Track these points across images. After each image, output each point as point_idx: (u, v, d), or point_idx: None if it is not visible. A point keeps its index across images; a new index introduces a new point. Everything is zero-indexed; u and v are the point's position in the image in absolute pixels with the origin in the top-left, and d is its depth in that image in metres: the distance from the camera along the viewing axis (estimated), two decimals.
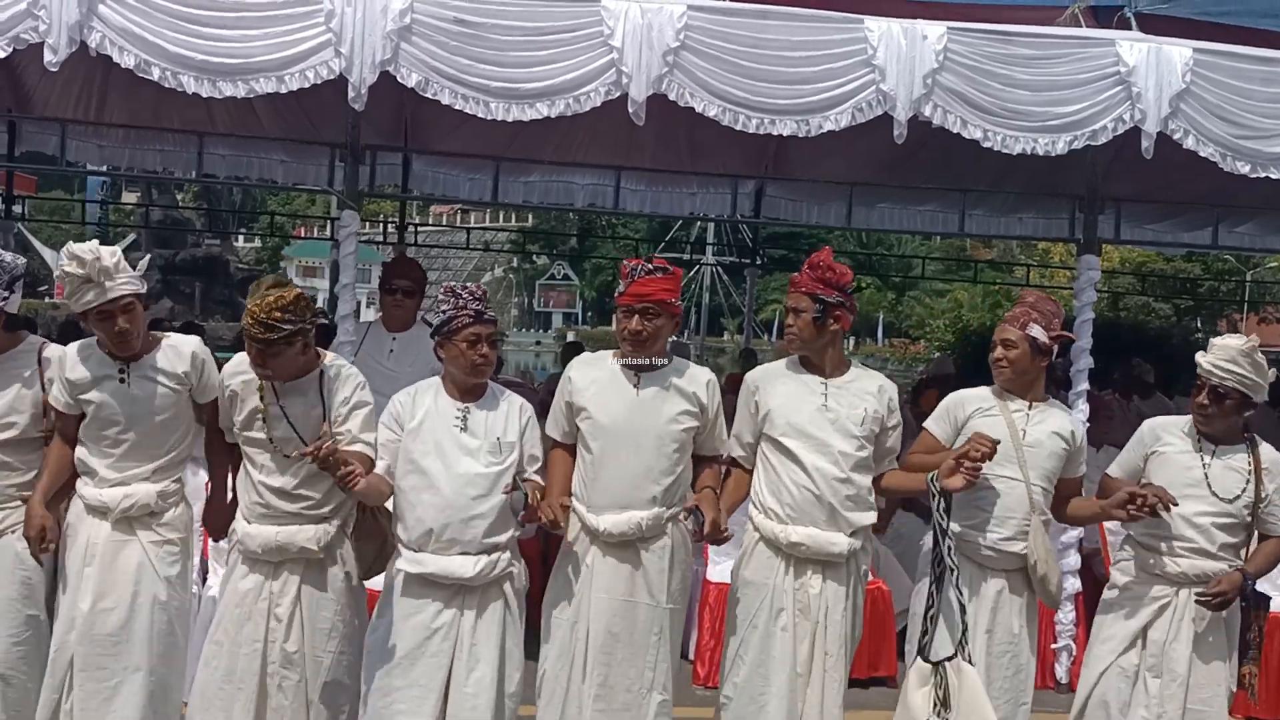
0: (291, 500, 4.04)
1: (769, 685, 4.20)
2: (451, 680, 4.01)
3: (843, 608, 4.25)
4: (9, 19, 4.99)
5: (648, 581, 4.16)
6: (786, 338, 4.40)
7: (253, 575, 4.08)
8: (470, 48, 5.31)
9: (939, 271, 37.86)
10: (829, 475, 4.19)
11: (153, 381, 4.08)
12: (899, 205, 10.87)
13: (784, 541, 4.21)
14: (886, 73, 5.47)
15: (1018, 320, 4.31)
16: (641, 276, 4.14)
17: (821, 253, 4.33)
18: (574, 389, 4.25)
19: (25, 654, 4.18)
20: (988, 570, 4.35)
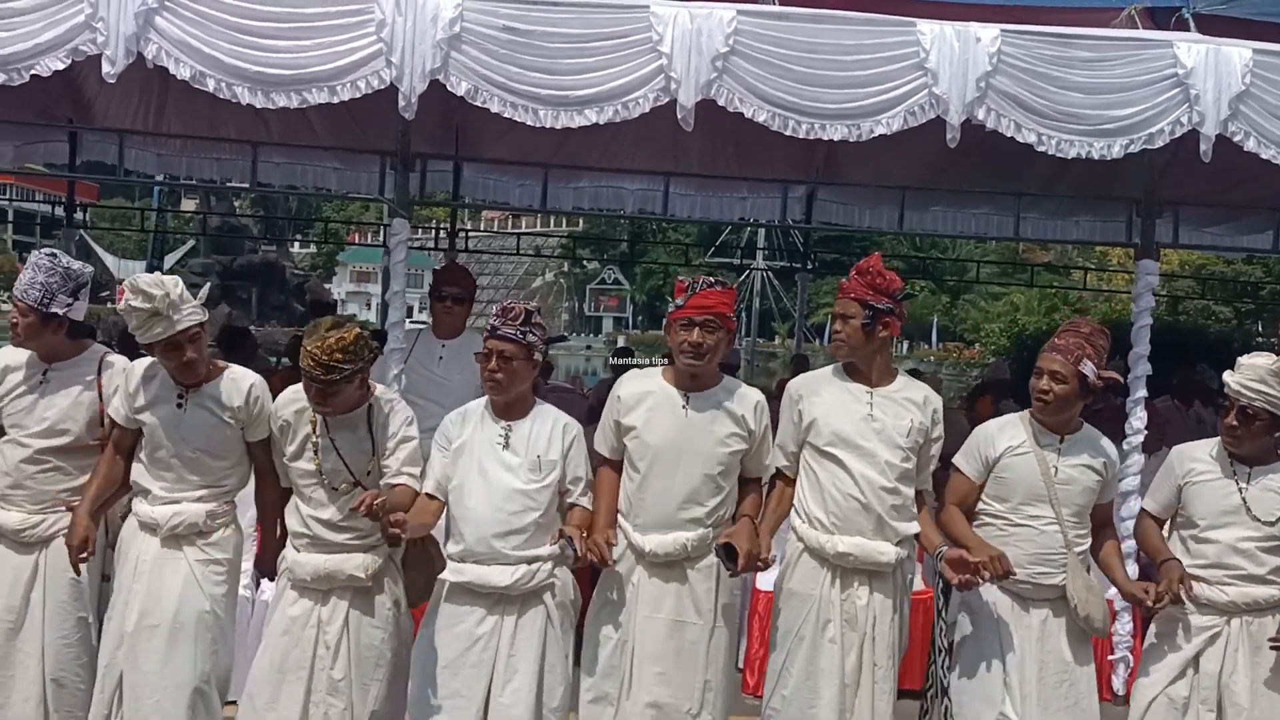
0: (339, 531, 4.08)
1: (818, 698, 4.16)
2: (491, 691, 4.01)
3: (890, 618, 4.20)
4: (68, 31, 5.08)
5: (695, 601, 4.13)
6: (834, 344, 4.35)
7: (302, 601, 4.12)
8: (519, 55, 5.33)
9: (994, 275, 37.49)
10: (876, 484, 4.15)
11: (207, 411, 4.15)
12: (952, 208, 10.77)
13: (831, 551, 4.17)
14: (939, 76, 5.43)
15: (1071, 353, 4.17)
16: (703, 289, 4.11)
17: (871, 258, 4.29)
18: (622, 407, 4.22)
19: (76, 655, 4.26)
20: (1029, 601, 4.27)
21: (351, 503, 3.95)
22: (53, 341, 4.29)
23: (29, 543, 4.24)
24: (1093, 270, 17.91)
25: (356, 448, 4.07)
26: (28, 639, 4.25)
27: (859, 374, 4.30)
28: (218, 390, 4.18)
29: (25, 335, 4.25)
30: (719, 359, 4.17)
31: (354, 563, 4.08)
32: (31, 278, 4.20)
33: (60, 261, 4.26)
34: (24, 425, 4.27)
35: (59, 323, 4.25)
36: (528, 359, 4.06)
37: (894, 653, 4.22)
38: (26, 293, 4.19)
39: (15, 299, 4.23)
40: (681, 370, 4.16)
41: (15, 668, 4.25)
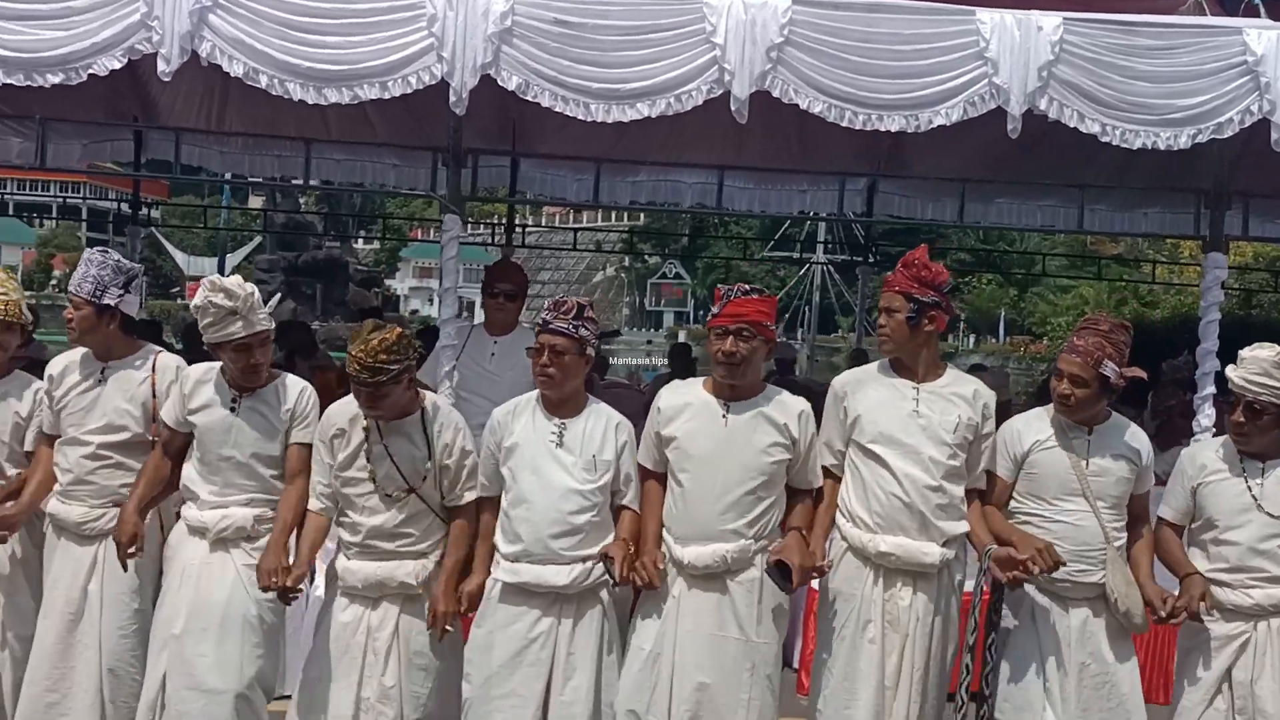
0: (391, 539, 4.08)
1: (855, 699, 4.09)
2: (550, 690, 3.98)
3: (933, 620, 4.10)
4: (124, 30, 5.13)
5: (737, 615, 4.03)
6: (879, 338, 4.27)
7: (352, 608, 4.12)
8: (571, 49, 5.30)
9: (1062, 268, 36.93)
10: (920, 483, 4.05)
11: (260, 415, 4.19)
12: (1017, 201, 10.58)
13: (872, 551, 4.09)
14: (999, 65, 5.31)
15: (1091, 355, 4.04)
16: (737, 297, 4.03)
17: (917, 251, 4.18)
18: (662, 419, 4.14)
19: (132, 647, 4.31)
20: (1068, 601, 4.16)
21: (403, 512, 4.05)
22: (108, 336, 4.35)
23: (90, 536, 4.31)
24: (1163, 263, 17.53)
25: (411, 455, 4.06)
26: (86, 630, 4.31)
27: (905, 369, 4.21)
28: (271, 395, 4.23)
29: (81, 330, 4.32)
30: (756, 369, 4.08)
31: (405, 570, 4.08)
32: (84, 272, 4.28)
33: (111, 256, 4.35)
34: (84, 423, 4.33)
35: (112, 315, 4.32)
36: (580, 354, 4.02)
37: (934, 656, 4.12)
38: (80, 286, 4.27)
39: (70, 294, 4.32)
40: (720, 381, 4.09)
41: (75, 658, 4.31)
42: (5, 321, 4.38)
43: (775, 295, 4.23)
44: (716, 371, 4.07)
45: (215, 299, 4.00)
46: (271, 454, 4.22)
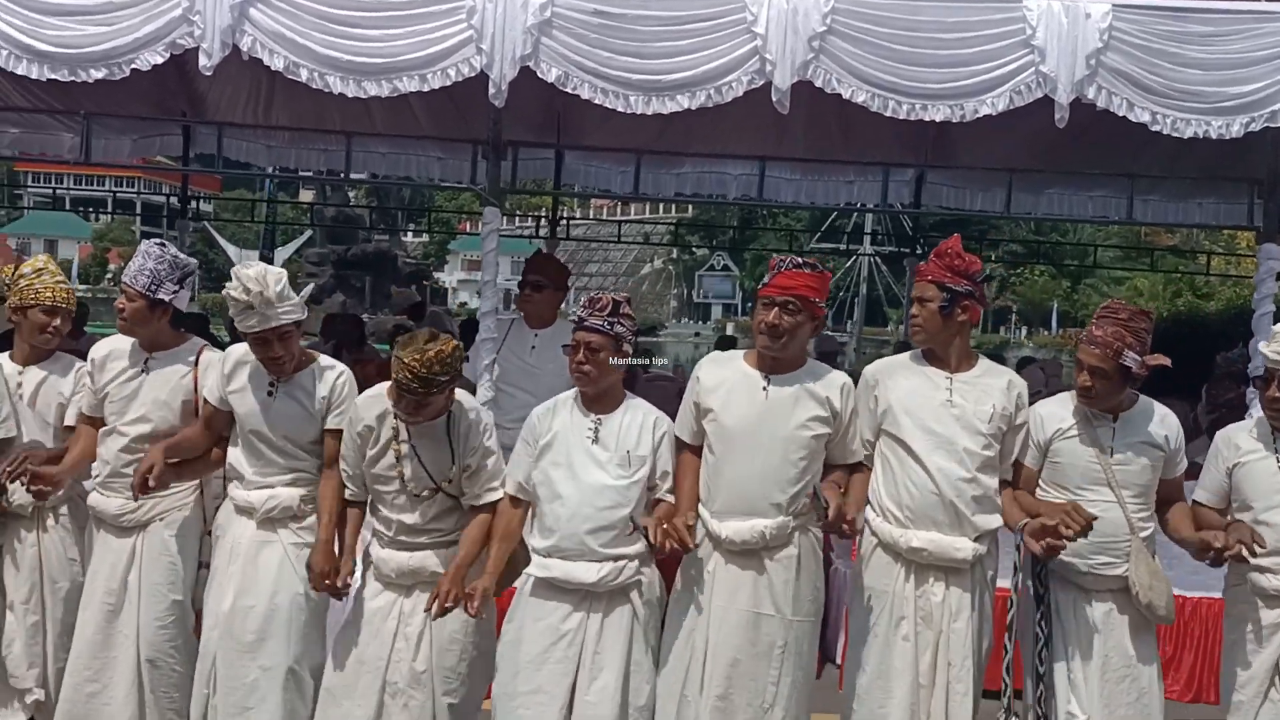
0: (420, 534, 4.10)
1: (890, 696, 4.03)
2: (576, 688, 3.95)
3: (967, 616, 4.03)
4: (165, 25, 5.18)
5: (773, 593, 3.98)
6: (911, 329, 4.22)
7: (385, 594, 4.13)
8: (610, 40, 5.28)
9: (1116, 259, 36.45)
10: (952, 475, 3.98)
11: (296, 400, 4.20)
12: (1067, 191, 10.43)
13: (904, 547, 4.03)
14: (1046, 54, 5.23)
15: (1110, 346, 3.92)
16: (788, 269, 3.96)
17: (950, 240, 4.11)
18: (701, 389, 4.10)
19: (171, 637, 4.34)
20: (1091, 594, 4.08)
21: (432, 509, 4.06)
22: (158, 329, 4.38)
23: (127, 527, 4.34)
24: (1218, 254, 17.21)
25: (437, 455, 4.06)
26: (126, 621, 4.35)
27: (937, 359, 4.14)
28: (308, 380, 4.24)
29: (132, 321, 4.34)
30: (800, 344, 4.02)
31: (436, 559, 4.09)
32: (141, 264, 4.30)
33: (168, 251, 4.37)
34: (123, 414, 4.36)
35: (164, 309, 4.35)
36: (616, 350, 3.98)
37: (970, 652, 4.05)
38: (135, 279, 4.28)
39: (124, 285, 4.33)
40: (761, 352, 4.04)
41: (116, 649, 4.35)
42: (54, 306, 4.46)
43: (829, 272, 4.13)
44: (759, 342, 4.01)
45: (234, 292, 4.02)
46: (308, 438, 4.24)
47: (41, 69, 5.25)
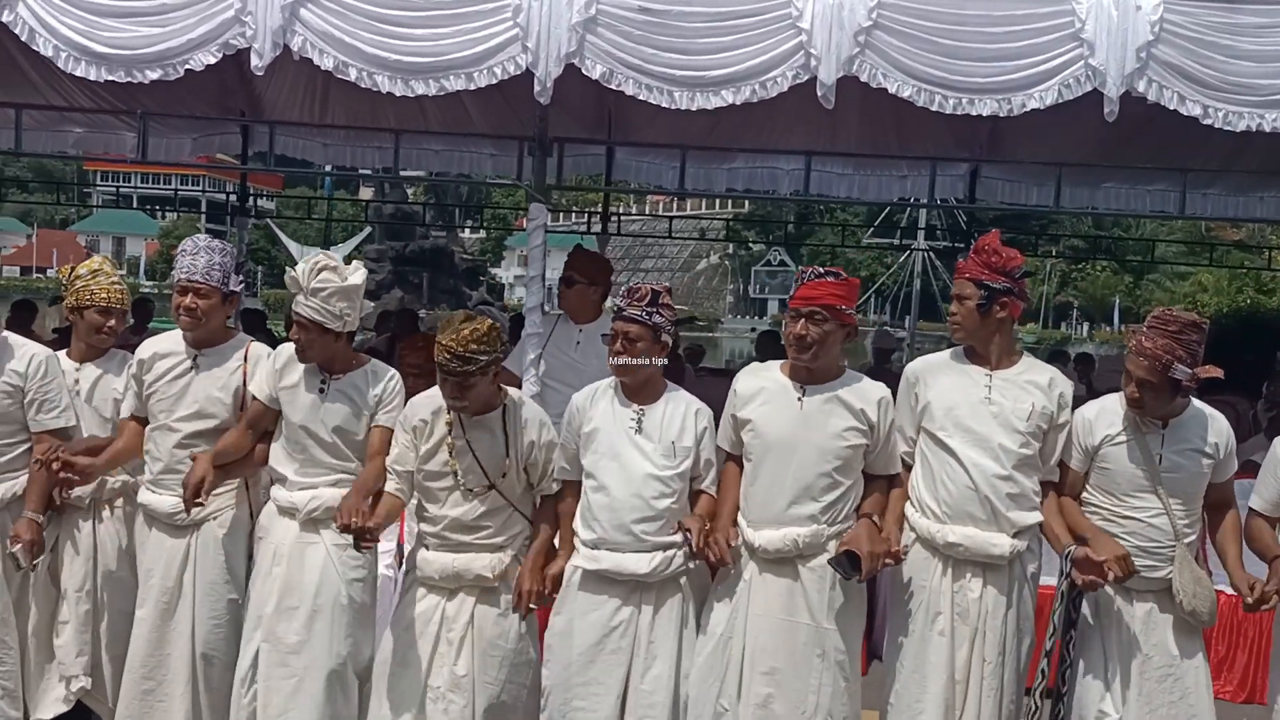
0: (469, 531, 4.11)
1: (926, 691, 4.02)
2: (630, 678, 3.98)
3: (1004, 613, 4.01)
4: (218, 26, 5.25)
5: (808, 601, 3.98)
6: (950, 326, 4.17)
7: (429, 598, 4.15)
8: (655, 36, 5.27)
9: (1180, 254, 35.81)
10: (989, 472, 3.97)
11: (347, 398, 4.25)
12: (1125, 186, 10.29)
13: (940, 542, 4.02)
14: (1096, 47, 5.14)
15: (1159, 359, 3.84)
16: (811, 280, 3.97)
17: (989, 236, 4.10)
18: (738, 401, 4.12)
19: (226, 635, 4.40)
20: (1133, 594, 4.03)
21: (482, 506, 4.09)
22: (221, 319, 4.47)
23: (181, 526, 4.40)
24: None
25: (492, 450, 4.07)
26: (181, 619, 4.43)
27: (978, 356, 4.12)
28: (360, 380, 4.29)
29: (208, 316, 4.40)
30: (830, 352, 3.99)
31: (481, 563, 4.10)
32: (209, 260, 4.36)
33: (217, 242, 4.47)
34: (173, 410, 4.43)
35: (233, 301, 4.48)
36: (654, 341, 4.00)
37: (1006, 649, 4.03)
38: (209, 275, 4.35)
39: (195, 283, 4.35)
40: (793, 362, 4.04)
41: (170, 646, 4.43)
42: (108, 307, 4.57)
43: (855, 278, 4.12)
44: (789, 354, 4.03)
45: (291, 271, 4.14)
46: (355, 437, 4.28)
47: (99, 70, 5.34)
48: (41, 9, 5.25)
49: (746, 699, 3.98)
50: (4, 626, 4.41)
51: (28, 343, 4.52)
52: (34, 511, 4.36)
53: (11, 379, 4.36)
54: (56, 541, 4.58)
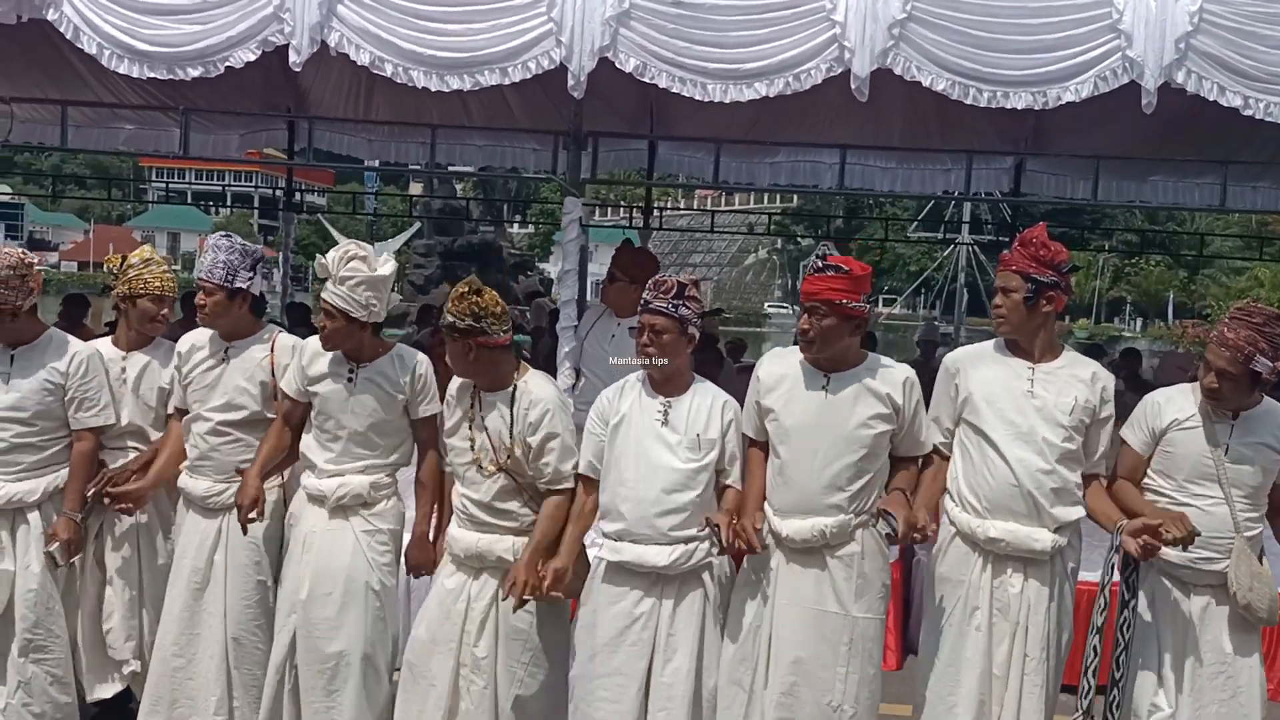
0: (491, 513, 4.14)
1: (959, 686, 3.99)
2: (651, 670, 3.99)
3: (1046, 608, 3.96)
4: (258, 23, 5.34)
5: (835, 590, 3.95)
6: (994, 319, 4.09)
7: (458, 575, 4.19)
8: (688, 30, 5.30)
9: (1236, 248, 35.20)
10: (1032, 467, 3.91)
11: (376, 386, 4.27)
12: (1172, 179, 10.15)
13: (981, 537, 3.96)
14: (1133, 38, 5.10)
15: (1241, 350, 3.78)
16: (811, 274, 3.93)
17: (1035, 229, 4.01)
18: (762, 388, 4.08)
19: (255, 616, 4.48)
20: (1190, 587, 3.97)
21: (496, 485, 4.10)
22: (237, 318, 4.51)
23: (214, 509, 4.48)
24: None
25: (499, 428, 4.10)
26: (212, 599, 4.50)
27: (1021, 349, 4.06)
28: (387, 367, 4.31)
29: (213, 313, 4.48)
30: (836, 344, 3.92)
31: (504, 545, 4.12)
32: (214, 258, 4.43)
33: (236, 241, 4.50)
34: (207, 400, 4.51)
35: (243, 297, 4.48)
36: (681, 333, 3.98)
37: (1048, 645, 3.98)
38: (211, 272, 4.41)
39: (200, 280, 4.46)
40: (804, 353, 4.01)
41: (201, 626, 4.51)
42: (161, 295, 4.64)
43: (868, 267, 4.01)
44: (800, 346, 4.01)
45: (321, 258, 4.21)
46: (387, 425, 4.32)
47: (141, 68, 5.45)
48: (85, 7, 5.37)
49: (773, 686, 3.97)
50: (51, 615, 4.51)
51: (71, 340, 4.61)
52: (72, 510, 4.46)
53: (53, 376, 4.46)
54: (101, 529, 4.68)
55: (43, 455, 4.49)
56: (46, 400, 4.45)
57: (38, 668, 4.48)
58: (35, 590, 4.45)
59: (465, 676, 4.10)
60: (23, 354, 4.47)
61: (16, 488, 4.45)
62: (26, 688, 4.47)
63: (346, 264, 4.14)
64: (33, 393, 4.42)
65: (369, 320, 4.20)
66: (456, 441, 4.16)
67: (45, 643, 4.49)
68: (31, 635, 4.46)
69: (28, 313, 4.45)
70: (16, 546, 4.48)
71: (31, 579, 4.45)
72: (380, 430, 4.30)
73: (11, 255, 4.38)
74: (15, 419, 4.42)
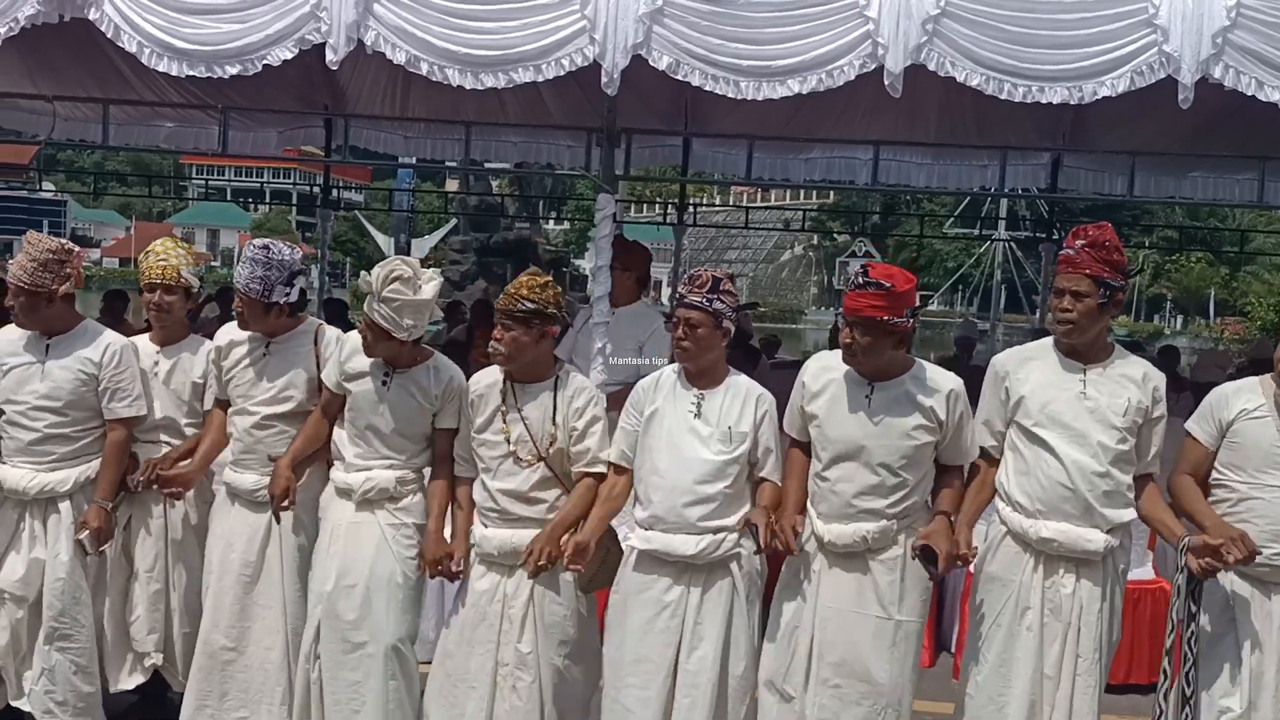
0: (525, 504, 4.18)
1: (1010, 687, 3.97)
2: (678, 657, 4.02)
3: (1098, 609, 3.94)
4: (295, 21, 5.39)
5: (878, 593, 3.96)
6: (1061, 324, 3.96)
7: (489, 575, 4.23)
8: (722, 27, 5.30)
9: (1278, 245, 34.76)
10: (1086, 469, 3.89)
11: (408, 393, 4.31)
12: (1211, 175, 10.04)
13: (1034, 537, 3.95)
14: (1170, 33, 5.05)
15: None
16: (851, 289, 3.89)
17: (1102, 230, 3.93)
18: (806, 393, 4.09)
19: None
20: (1270, 586, 3.92)
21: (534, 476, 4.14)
22: (274, 323, 4.57)
23: (262, 502, 4.51)
24: None
25: (542, 419, 4.15)
26: (264, 592, 4.56)
27: (1074, 351, 4.02)
28: (423, 376, 4.35)
29: (251, 318, 4.54)
30: (880, 355, 3.90)
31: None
32: (250, 273, 4.45)
33: (272, 254, 4.48)
34: (251, 395, 4.57)
35: (279, 309, 4.53)
36: (715, 327, 4.01)
37: (1100, 645, 3.96)
38: (249, 287, 4.45)
39: (239, 290, 4.49)
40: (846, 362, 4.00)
41: (252, 619, 4.57)
42: (165, 285, 4.66)
43: (911, 276, 3.98)
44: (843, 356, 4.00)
45: (366, 275, 4.24)
46: (416, 430, 4.37)
47: (180, 66, 5.50)
48: (126, 6, 5.43)
49: (815, 689, 3.99)
50: (77, 606, 4.58)
51: (106, 331, 4.68)
52: (103, 499, 4.54)
53: (87, 367, 4.53)
54: (130, 522, 4.75)
55: (75, 446, 4.57)
56: (80, 390, 4.52)
57: (62, 656, 4.55)
58: (63, 579, 4.53)
59: (509, 674, 4.14)
60: (58, 344, 4.56)
61: (48, 477, 4.53)
62: (50, 675, 4.55)
63: (389, 285, 4.15)
64: (66, 382, 4.51)
65: (409, 339, 4.25)
66: (489, 436, 4.20)
67: (70, 631, 4.56)
68: (57, 623, 4.54)
69: (64, 302, 4.53)
70: (47, 535, 4.56)
71: (60, 568, 4.53)
72: (407, 435, 4.36)
73: (53, 241, 4.49)
74: (49, 408, 4.51)
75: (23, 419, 4.51)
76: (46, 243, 4.47)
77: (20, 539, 4.57)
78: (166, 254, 4.66)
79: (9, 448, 4.56)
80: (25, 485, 4.51)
